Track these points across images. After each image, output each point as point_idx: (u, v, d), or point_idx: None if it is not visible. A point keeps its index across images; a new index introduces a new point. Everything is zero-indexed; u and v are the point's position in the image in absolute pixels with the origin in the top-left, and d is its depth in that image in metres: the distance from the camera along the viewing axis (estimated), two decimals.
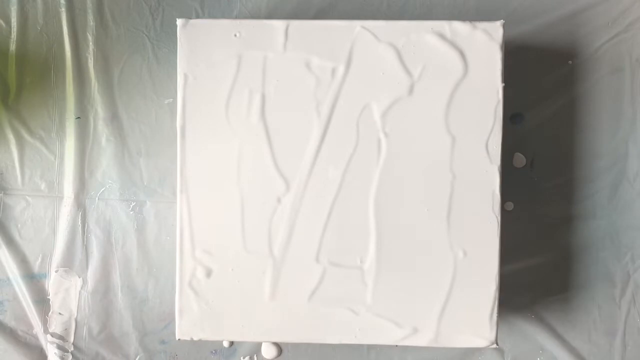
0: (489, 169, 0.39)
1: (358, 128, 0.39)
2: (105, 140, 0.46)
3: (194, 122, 0.39)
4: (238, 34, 0.39)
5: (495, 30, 0.39)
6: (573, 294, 0.46)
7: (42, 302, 0.47)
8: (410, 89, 0.39)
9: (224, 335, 0.40)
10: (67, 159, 0.46)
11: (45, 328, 0.47)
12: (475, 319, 0.39)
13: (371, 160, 0.39)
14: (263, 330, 0.39)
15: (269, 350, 0.47)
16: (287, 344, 0.47)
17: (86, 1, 0.46)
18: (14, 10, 0.46)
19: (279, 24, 0.39)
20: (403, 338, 0.39)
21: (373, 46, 0.39)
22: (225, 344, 0.47)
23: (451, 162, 0.39)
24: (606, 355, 0.46)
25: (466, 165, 0.39)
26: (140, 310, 0.47)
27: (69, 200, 0.46)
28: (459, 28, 0.38)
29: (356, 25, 0.39)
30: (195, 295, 0.39)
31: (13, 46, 0.46)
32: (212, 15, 0.46)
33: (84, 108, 0.46)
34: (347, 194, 0.39)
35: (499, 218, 0.39)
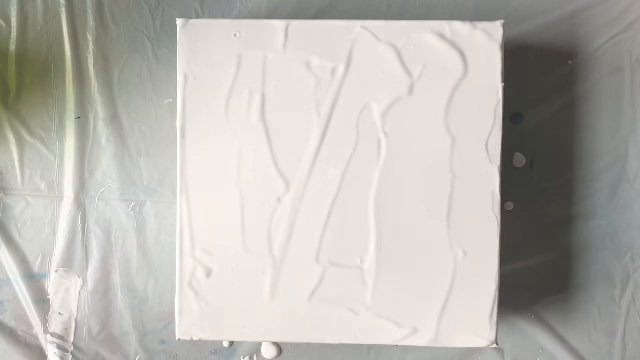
0: (489, 169, 0.39)
1: (358, 128, 0.39)
2: (105, 140, 0.46)
3: (194, 122, 0.39)
4: (238, 34, 0.39)
5: (495, 30, 0.39)
6: (573, 294, 0.46)
7: (42, 302, 0.47)
8: (410, 89, 0.39)
9: (224, 335, 0.40)
10: (67, 159, 0.46)
11: (45, 328, 0.47)
12: (475, 319, 0.39)
13: (371, 160, 0.39)
14: (263, 330, 0.39)
15: (269, 350, 0.47)
16: (287, 344, 0.47)
17: (86, 1, 0.46)
18: (14, 10, 0.46)
19: (279, 24, 0.39)
20: (403, 338, 0.39)
21: (373, 46, 0.39)
22: (225, 344, 0.47)
23: (451, 162, 0.39)
24: (606, 355, 0.46)
25: (466, 165, 0.39)
26: (140, 310, 0.47)
27: (69, 200, 0.46)
28: (459, 28, 0.38)
29: (356, 25, 0.39)
30: (195, 295, 0.39)
31: (13, 46, 0.46)
32: (212, 15, 0.46)
33: (84, 108, 0.46)
34: (347, 194, 0.39)
35: (499, 218, 0.39)
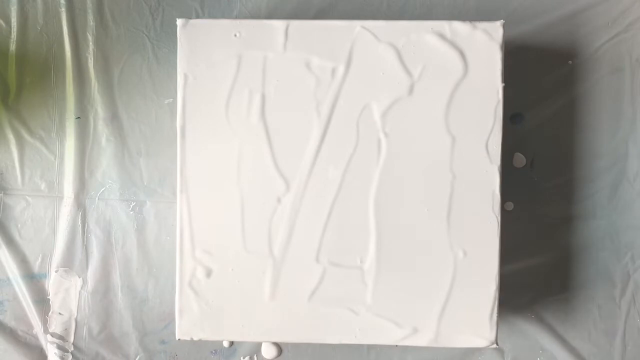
0: (489, 169, 0.39)
1: (358, 128, 0.39)
2: (105, 140, 0.46)
3: (194, 122, 0.39)
4: (238, 34, 0.39)
5: (495, 30, 0.39)
6: (573, 294, 0.46)
7: (42, 302, 0.47)
8: (410, 89, 0.39)
9: (224, 335, 0.40)
10: (67, 159, 0.46)
11: (45, 328, 0.47)
12: (475, 319, 0.39)
13: (371, 160, 0.39)
14: (263, 330, 0.39)
15: (269, 350, 0.47)
16: (287, 344, 0.47)
17: (86, 1, 0.46)
18: (14, 10, 0.46)
19: (279, 24, 0.39)
20: (403, 338, 0.39)
21: (373, 46, 0.39)
22: (225, 344, 0.47)
23: (451, 162, 0.39)
24: (606, 355, 0.46)
25: (466, 165, 0.39)
26: (140, 310, 0.47)
27: (69, 200, 0.46)
28: (459, 28, 0.38)
29: (356, 25, 0.39)
30: (195, 295, 0.39)
31: (13, 46, 0.46)
32: (212, 15, 0.46)
33: (84, 108, 0.46)
34: (347, 194, 0.39)
35: (499, 218, 0.39)
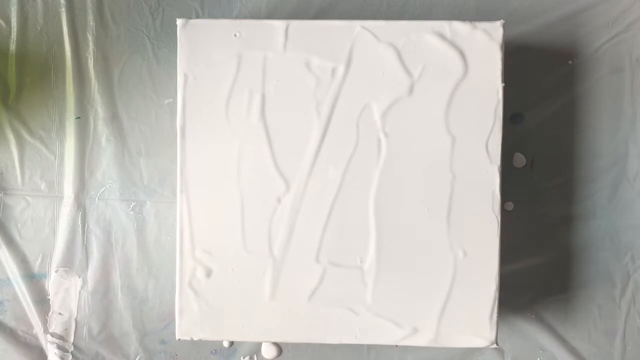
0: (489, 169, 0.39)
1: (358, 128, 0.39)
2: (105, 140, 0.46)
3: (194, 122, 0.39)
4: (238, 34, 0.39)
5: (495, 30, 0.39)
6: (573, 294, 0.46)
7: (42, 302, 0.47)
8: (410, 89, 0.39)
9: (224, 335, 0.40)
10: (67, 159, 0.46)
11: (45, 328, 0.47)
12: (475, 319, 0.39)
13: (371, 160, 0.39)
14: (263, 330, 0.39)
15: (269, 350, 0.47)
16: (287, 344, 0.47)
17: (86, 1, 0.46)
18: (14, 10, 0.46)
19: (279, 24, 0.39)
20: (403, 338, 0.39)
21: (373, 46, 0.39)
22: (225, 344, 0.47)
23: (451, 162, 0.39)
24: (606, 355, 0.46)
25: (466, 165, 0.39)
26: (140, 310, 0.47)
27: (69, 200, 0.46)
28: (459, 28, 0.38)
29: (356, 25, 0.39)
30: (195, 295, 0.39)
31: (13, 46, 0.46)
32: (212, 15, 0.46)
33: (84, 108, 0.46)
34: (347, 194, 0.39)
35: (499, 218, 0.39)
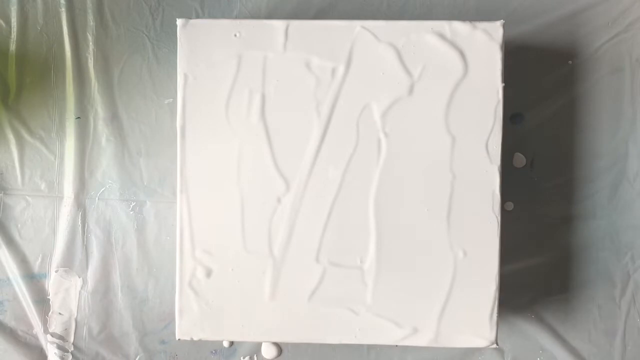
0: (489, 169, 0.39)
1: (358, 128, 0.39)
2: (105, 140, 0.46)
3: (194, 122, 0.39)
4: (238, 34, 0.39)
5: (495, 30, 0.39)
6: (573, 294, 0.46)
7: (42, 302, 0.47)
8: (410, 89, 0.39)
9: (224, 335, 0.40)
10: (67, 159, 0.46)
11: (45, 328, 0.47)
12: (475, 319, 0.39)
13: (371, 160, 0.39)
14: (263, 330, 0.39)
15: (269, 350, 0.47)
16: (287, 344, 0.47)
17: (86, 1, 0.46)
18: (14, 10, 0.46)
19: (279, 24, 0.39)
20: (403, 338, 0.39)
21: (373, 46, 0.39)
22: (225, 344, 0.47)
23: (451, 162, 0.39)
24: (606, 355, 0.46)
25: (466, 165, 0.39)
26: (140, 310, 0.47)
27: (69, 200, 0.46)
28: (459, 28, 0.38)
29: (356, 25, 0.39)
30: (195, 295, 0.39)
31: (13, 46, 0.46)
32: (212, 15, 0.46)
33: (84, 108, 0.46)
34: (347, 194, 0.39)
35: (499, 218, 0.39)
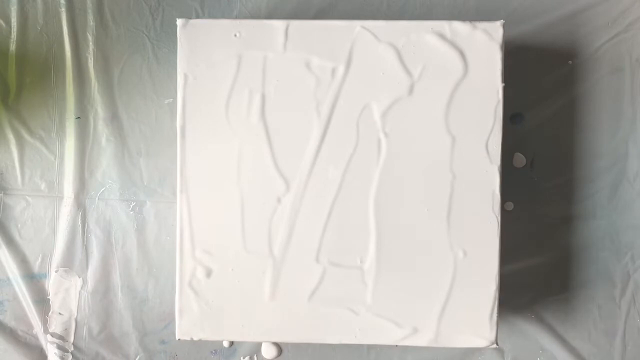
0: (489, 169, 0.39)
1: (358, 128, 0.39)
2: (105, 140, 0.46)
3: (194, 122, 0.39)
4: (238, 34, 0.39)
5: (495, 30, 0.39)
6: (573, 294, 0.46)
7: (42, 302, 0.47)
8: (410, 89, 0.39)
9: (224, 335, 0.40)
10: (67, 159, 0.46)
11: (45, 328, 0.47)
12: (475, 319, 0.39)
13: (371, 160, 0.39)
14: (263, 330, 0.39)
15: (269, 350, 0.47)
16: (287, 344, 0.47)
17: (86, 1, 0.46)
18: (14, 10, 0.46)
19: (279, 24, 0.39)
20: (403, 338, 0.39)
21: (373, 46, 0.39)
22: (225, 344, 0.47)
23: (451, 162, 0.39)
24: (606, 355, 0.46)
25: (466, 165, 0.39)
26: (140, 310, 0.47)
27: (69, 200, 0.46)
28: (459, 28, 0.38)
29: (356, 25, 0.39)
30: (195, 295, 0.39)
31: (13, 46, 0.46)
32: (212, 15, 0.46)
33: (84, 108, 0.46)
34: (347, 194, 0.39)
35: (499, 218, 0.39)
